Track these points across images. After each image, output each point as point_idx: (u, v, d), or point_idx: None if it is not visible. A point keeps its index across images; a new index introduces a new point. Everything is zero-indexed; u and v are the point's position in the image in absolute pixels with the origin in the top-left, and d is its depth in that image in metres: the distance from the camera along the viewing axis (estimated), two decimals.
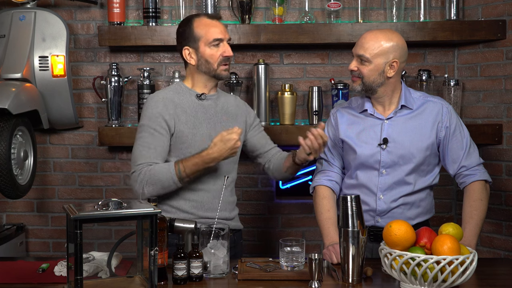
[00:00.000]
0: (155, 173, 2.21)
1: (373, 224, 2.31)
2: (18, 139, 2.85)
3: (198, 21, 2.34)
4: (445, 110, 2.32)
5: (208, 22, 2.34)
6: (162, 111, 2.29)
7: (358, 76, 2.27)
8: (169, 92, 2.37)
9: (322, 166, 2.44)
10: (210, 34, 2.31)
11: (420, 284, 1.77)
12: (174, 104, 2.32)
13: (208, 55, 2.32)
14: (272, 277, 1.96)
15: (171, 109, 2.30)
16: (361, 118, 2.36)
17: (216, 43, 2.32)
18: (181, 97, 2.36)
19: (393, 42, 2.24)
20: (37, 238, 3.43)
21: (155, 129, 2.27)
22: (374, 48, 2.22)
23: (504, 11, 3.10)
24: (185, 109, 2.33)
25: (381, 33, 2.26)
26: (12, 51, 3.02)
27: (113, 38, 3.13)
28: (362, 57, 2.24)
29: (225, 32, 2.35)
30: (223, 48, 2.33)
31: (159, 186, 2.21)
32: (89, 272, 1.97)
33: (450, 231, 1.84)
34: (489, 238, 3.22)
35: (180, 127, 2.30)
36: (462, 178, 2.35)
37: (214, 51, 2.32)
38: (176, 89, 2.39)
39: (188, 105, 2.35)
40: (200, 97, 2.37)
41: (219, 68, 2.33)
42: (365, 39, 2.25)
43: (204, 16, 2.37)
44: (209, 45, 2.31)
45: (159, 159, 2.26)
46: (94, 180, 3.41)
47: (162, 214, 1.99)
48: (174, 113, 2.30)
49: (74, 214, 1.69)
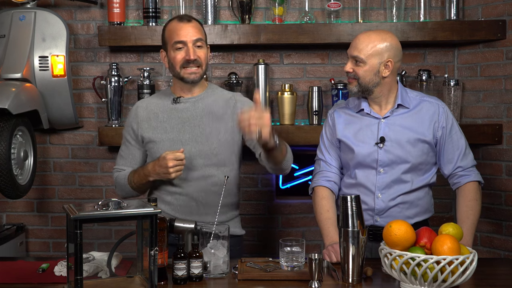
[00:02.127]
0: (118, 178, 2.43)
1: (372, 223, 2.31)
2: (18, 139, 2.85)
3: (169, 25, 2.35)
4: (442, 110, 2.33)
5: (175, 25, 2.32)
6: (131, 121, 2.43)
7: (354, 78, 2.28)
8: (152, 99, 2.46)
9: (320, 167, 2.44)
10: (173, 37, 2.30)
11: (420, 284, 1.77)
12: (147, 110, 2.40)
13: (172, 58, 2.32)
14: (272, 277, 1.96)
15: (141, 117, 2.40)
16: (358, 118, 2.37)
17: (178, 46, 2.30)
18: (160, 102, 2.41)
19: (387, 42, 2.25)
20: (37, 238, 3.43)
21: (126, 139, 2.45)
22: (368, 49, 2.23)
23: (504, 11, 3.10)
24: (157, 114, 2.38)
25: (374, 34, 2.27)
26: (12, 51, 3.02)
27: (113, 38, 3.13)
28: (356, 58, 2.25)
29: (191, 33, 2.29)
30: (186, 51, 2.29)
31: (123, 190, 2.43)
32: (89, 272, 1.97)
33: (450, 231, 1.84)
34: (489, 238, 3.22)
35: (149, 133, 2.37)
36: (456, 179, 2.35)
37: (177, 54, 2.30)
38: (160, 95, 2.47)
39: (162, 110, 2.38)
40: (175, 101, 2.38)
41: (182, 71, 2.31)
42: (359, 40, 2.26)
43: (175, 19, 2.35)
44: (172, 48, 2.31)
45: (128, 166, 2.43)
46: (94, 180, 3.41)
47: None
48: (143, 120, 2.39)
49: (74, 214, 1.69)
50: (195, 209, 2.33)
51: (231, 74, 3.23)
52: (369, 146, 2.31)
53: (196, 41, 2.30)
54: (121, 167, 2.45)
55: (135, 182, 2.36)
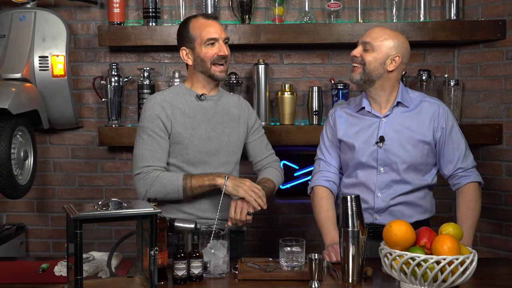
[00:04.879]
0: (163, 179, 2.25)
1: (371, 221, 2.32)
2: (18, 139, 2.85)
3: (194, 22, 2.35)
4: (442, 111, 2.34)
5: (203, 22, 2.34)
6: (159, 113, 2.31)
7: (360, 63, 2.29)
8: (168, 94, 2.38)
9: (319, 166, 2.44)
10: (205, 33, 2.31)
11: (420, 284, 1.77)
12: (172, 105, 2.34)
13: (203, 54, 2.32)
14: (272, 277, 1.96)
15: (168, 111, 2.32)
16: (359, 117, 2.37)
17: (211, 42, 2.31)
18: (180, 98, 2.37)
19: (399, 40, 2.30)
20: (37, 238, 3.43)
21: (154, 131, 2.30)
22: (381, 39, 2.27)
23: (504, 11, 3.10)
24: (183, 111, 2.34)
25: (390, 30, 2.33)
26: (12, 51, 3.02)
27: (113, 38, 3.13)
28: (367, 45, 2.28)
29: (221, 31, 2.34)
30: (218, 47, 2.32)
31: (164, 192, 2.25)
32: (89, 272, 1.97)
33: (450, 231, 1.84)
34: (489, 238, 3.22)
35: (177, 128, 2.32)
36: (457, 179, 2.36)
37: (208, 50, 2.32)
38: (175, 91, 2.40)
39: (187, 106, 2.35)
40: (200, 97, 2.37)
41: (213, 67, 2.32)
42: (374, 30, 2.33)
43: (200, 17, 2.37)
44: (204, 45, 2.31)
45: (162, 161, 2.29)
46: (94, 180, 3.41)
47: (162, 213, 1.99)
48: (171, 114, 2.32)
49: (74, 214, 1.69)
50: (215, 207, 2.31)
51: (231, 74, 3.23)
52: (369, 145, 2.32)
53: (226, 38, 2.36)
54: (157, 164, 2.28)
55: (195, 184, 2.25)
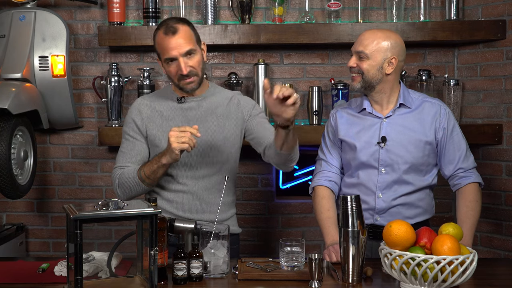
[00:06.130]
0: (123, 175, 2.27)
1: (372, 222, 2.32)
2: (18, 139, 2.85)
3: (157, 36, 2.27)
4: (443, 111, 2.34)
5: (161, 39, 2.24)
6: (135, 117, 2.35)
7: (358, 73, 2.28)
8: (150, 97, 2.42)
9: (321, 166, 2.44)
10: (163, 53, 2.26)
11: (420, 284, 1.77)
12: (150, 108, 2.35)
13: (167, 71, 2.30)
14: (272, 277, 1.96)
15: (144, 114, 2.34)
16: (360, 118, 2.37)
17: (169, 62, 2.25)
18: (161, 101, 2.37)
19: (392, 40, 2.27)
20: (37, 238, 3.43)
21: (129, 134, 2.35)
22: (373, 45, 2.25)
23: (504, 11, 3.10)
24: (162, 113, 2.35)
25: (380, 32, 2.29)
26: (12, 51, 3.02)
27: (113, 38, 3.13)
28: (361, 54, 2.26)
29: (179, 47, 2.22)
30: (177, 65, 2.24)
31: (127, 188, 2.27)
32: (89, 272, 1.96)
33: (450, 231, 1.84)
34: (489, 238, 3.22)
35: (154, 131, 2.32)
36: (457, 180, 2.36)
37: (171, 69, 2.27)
38: (160, 93, 2.43)
39: (166, 108, 2.35)
40: (179, 100, 2.36)
41: (180, 83, 2.29)
42: (364, 36, 2.28)
43: (161, 30, 2.25)
44: (165, 63, 2.28)
45: (132, 162, 2.31)
46: (94, 180, 3.41)
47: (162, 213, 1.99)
48: (148, 117, 2.34)
49: (74, 214, 1.69)
50: (198, 207, 2.32)
51: (231, 74, 3.23)
52: (370, 145, 2.31)
53: (187, 53, 2.24)
54: (124, 164, 2.31)
55: (147, 171, 2.21)
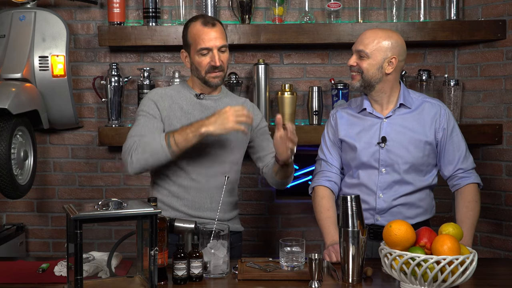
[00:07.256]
0: (144, 139, 2.21)
1: (372, 222, 2.32)
2: (18, 139, 2.85)
3: (192, 27, 2.31)
4: (443, 112, 2.34)
5: (199, 29, 2.28)
6: (156, 100, 2.32)
7: (357, 71, 2.28)
8: (170, 90, 2.40)
9: (321, 166, 2.44)
10: (198, 43, 2.27)
11: (420, 284, 1.77)
12: (172, 99, 2.34)
13: (197, 62, 2.30)
14: (272, 277, 1.96)
15: (166, 103, 2.33)
16: (360, 118, 2.37)
17: (203, 52, 2.28)
18: (181, 94, 2.37)
19: (392, 39, 2.27)
20: (37, 238, 3.43)
21: (148, 113, 2.30)
22: (373, 44, 2.25)
23: (504, 11, 3.10)
24: (182, 106, 2.34)
25: (380, 31, 2.30)
26: (12, 51, 3.02)
27: (113, 38, 3.13)
28: (361, 53, 2.26)
29: (216, 39, 2.27)
30: (211, 57, 2.27)
31: (148, 152, 2.18)
32: (89, 272, 1.97)
33: (450, 231, 1.84)
34: (489, 238, 3.22)
35: (174, 122, 2.31)
36: (456, 180, 2.36)
37: (202, 59, 2.28)
38: (177, 88, 2.42)
39: (186, 102, 2.35)
40: (199, 96, 2.37)
41: (207, 75, 2.30)
42: (365, 35, 2.29)
43: (199, 21, 2.30)
44: (197, 53, 2.29)
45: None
46: (94, 180, 3.41)
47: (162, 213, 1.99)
48: (169, 107, 2.32)
49: (74, 214, 1.69)
50: (208, 205, 2.32)
51: (231, 74, 3.23)
52: (371, 146, 2.31)
53: (222, 46, 2.29)
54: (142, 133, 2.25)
55: (178, 138, 2.15)
